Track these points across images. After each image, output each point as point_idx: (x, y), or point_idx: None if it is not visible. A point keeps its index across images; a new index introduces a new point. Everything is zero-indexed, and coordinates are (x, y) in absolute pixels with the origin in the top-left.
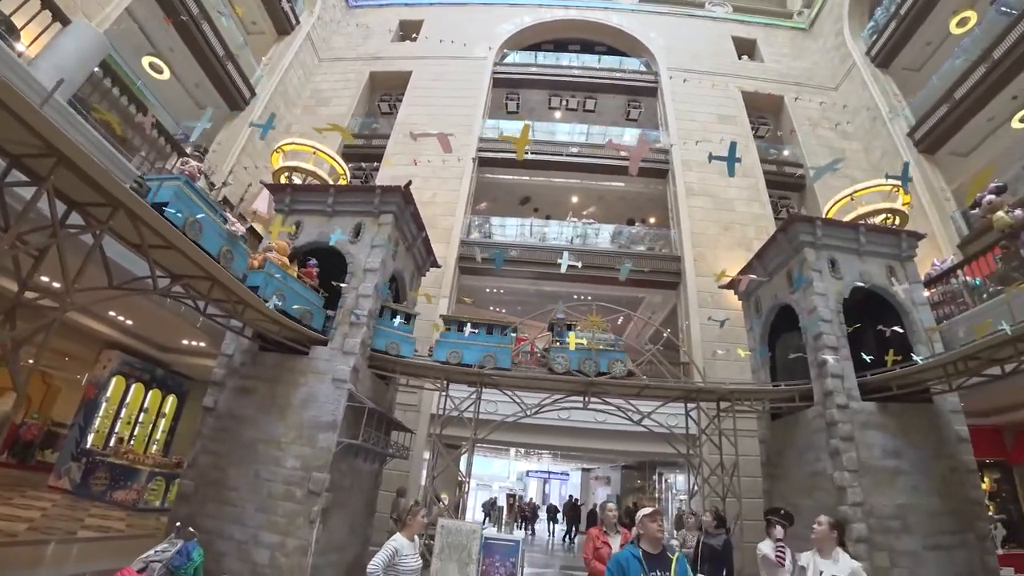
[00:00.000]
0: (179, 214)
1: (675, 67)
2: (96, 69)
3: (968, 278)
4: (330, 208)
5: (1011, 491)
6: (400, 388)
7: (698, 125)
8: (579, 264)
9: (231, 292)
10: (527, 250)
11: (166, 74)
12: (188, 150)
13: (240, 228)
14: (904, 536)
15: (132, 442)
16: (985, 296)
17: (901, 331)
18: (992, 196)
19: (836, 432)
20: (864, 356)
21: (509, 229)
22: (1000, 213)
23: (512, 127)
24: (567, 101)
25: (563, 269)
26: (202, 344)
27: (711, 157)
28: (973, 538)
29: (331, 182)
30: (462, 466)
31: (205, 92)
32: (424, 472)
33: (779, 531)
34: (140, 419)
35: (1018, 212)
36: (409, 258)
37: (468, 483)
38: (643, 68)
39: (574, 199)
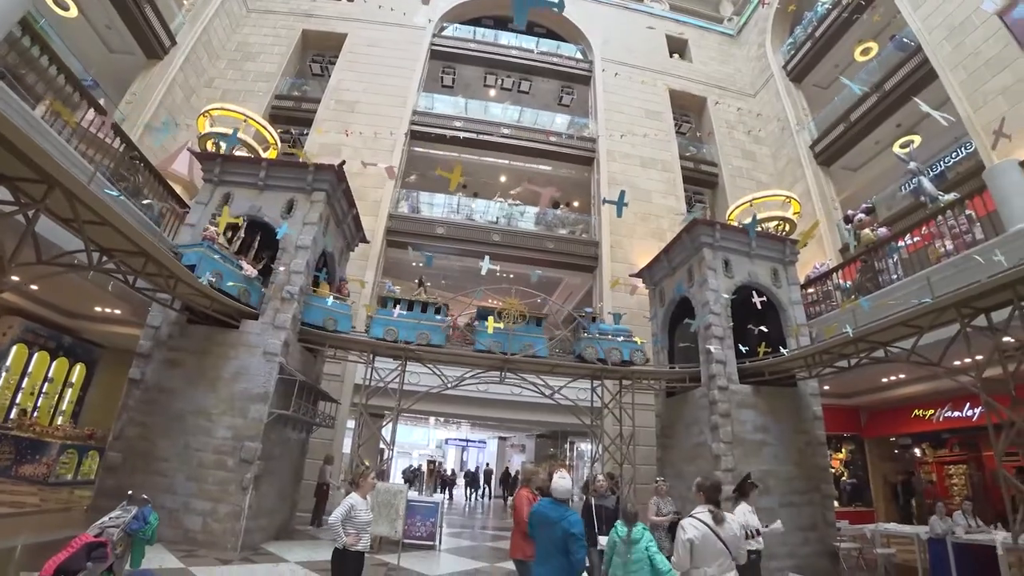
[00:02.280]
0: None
1: (609, 58)
2: None
3: (841, 281)
4: (262, 182)
5: (862, 459)
6: (327, 359)
7: (625, 117)
8: (497, 268)
9: (164, 267)
10: (454, 227)
11: (73, 11)
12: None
13: (252, 271)
14: (765, 496)
15: (36, 414)
16: (853, 298)
17: (766, 330)
18: (862, 215)
19: (716, 409)
20: (741, 347)
21: (437, 199)
22: (867, 231)
23: (447, 102)
24: (503, 80)
25: (483, 272)
26: (117, 312)
27: (604, 201)
28: (818, 497)
29: (258, 148)
30: (385, 434)
31: (119, 36)
32: (347, 440)
33: (753, 497)
34: (45, 389)
35: (881, 231)
36: (339, 234)
37: (392, 451)
38: (579, 56)
39: (503, 179)
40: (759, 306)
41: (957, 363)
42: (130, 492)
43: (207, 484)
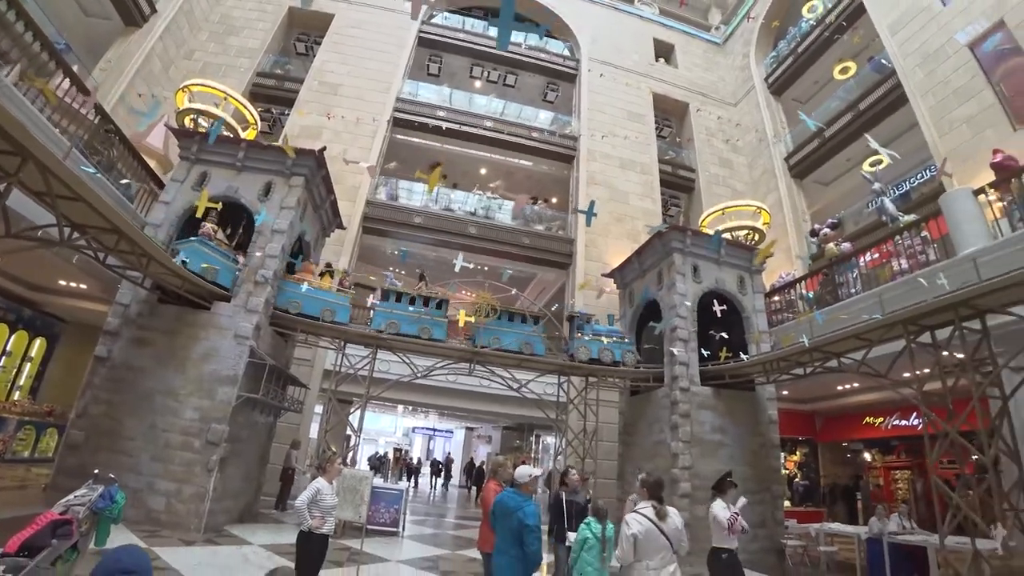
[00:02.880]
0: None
1: (596, 58)
2: None
3: (804, 291)
4: (240, 163)
5: (815, 461)
6: (298, 344)
7: (608, 118)
8: (471, 265)
9: (137, 245)
10: (431, 217)
11: None
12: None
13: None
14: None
15: None
16: (811, 309)
17: (728, 336)
18: (827, 230)
19: (677, 410)
20: (703, 352)
21: (417, 188)
22: (831, 245)
23: (431, 91)
24: (489, 73)
25: (457, 269)
26: (83, 286)
27: (575, 210)
28: (769, 497)
29: (237, 127)
30: (353, 420)
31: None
32: (314, 426)
33: (731, 495)
34: (2, 363)
35: (845, 246)
36: (316, 220)
37: (360, 438)
38: (566, 53)
39: (483, 171)
40: (719, 314)
41: (907, 375)
42: (96, 471)
43: (172, 465)
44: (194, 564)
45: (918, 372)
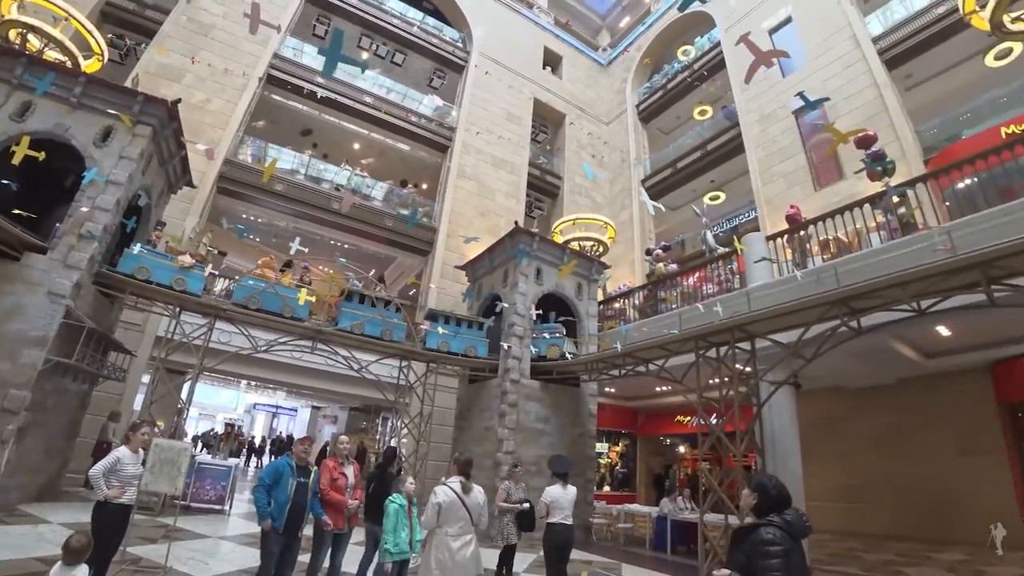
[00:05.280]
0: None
1: (487, 54)
2: None
3: (637, 302)
4: (76, 98)
5: (634, 452)
6: (126, 305)
7: (488, 115)
8: (306, 250)
9: None
10: (294, 187)
11: None
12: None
13: (189, 260)
14: (537, 477)
15: None
16: (636, 318)
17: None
18: (660, 251)
19: (506, 399)
20: (532, 349)
21: (285, 154)
22: (660, 265)
23: (314, 54)
24: (378, 46)
25: (292, 251)
26: None
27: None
28: (582, 481)
29: (78, 54)
30: (184, 393)
31: None
32: (139, 396)
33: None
34: None
35: (672, 267)
36: (161, 175)
37: (188, 411)
38: (460, 43)
39: (356, 146)
40: (534, 318)
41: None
42: None
43: None
44: None
45: (704, 382)
